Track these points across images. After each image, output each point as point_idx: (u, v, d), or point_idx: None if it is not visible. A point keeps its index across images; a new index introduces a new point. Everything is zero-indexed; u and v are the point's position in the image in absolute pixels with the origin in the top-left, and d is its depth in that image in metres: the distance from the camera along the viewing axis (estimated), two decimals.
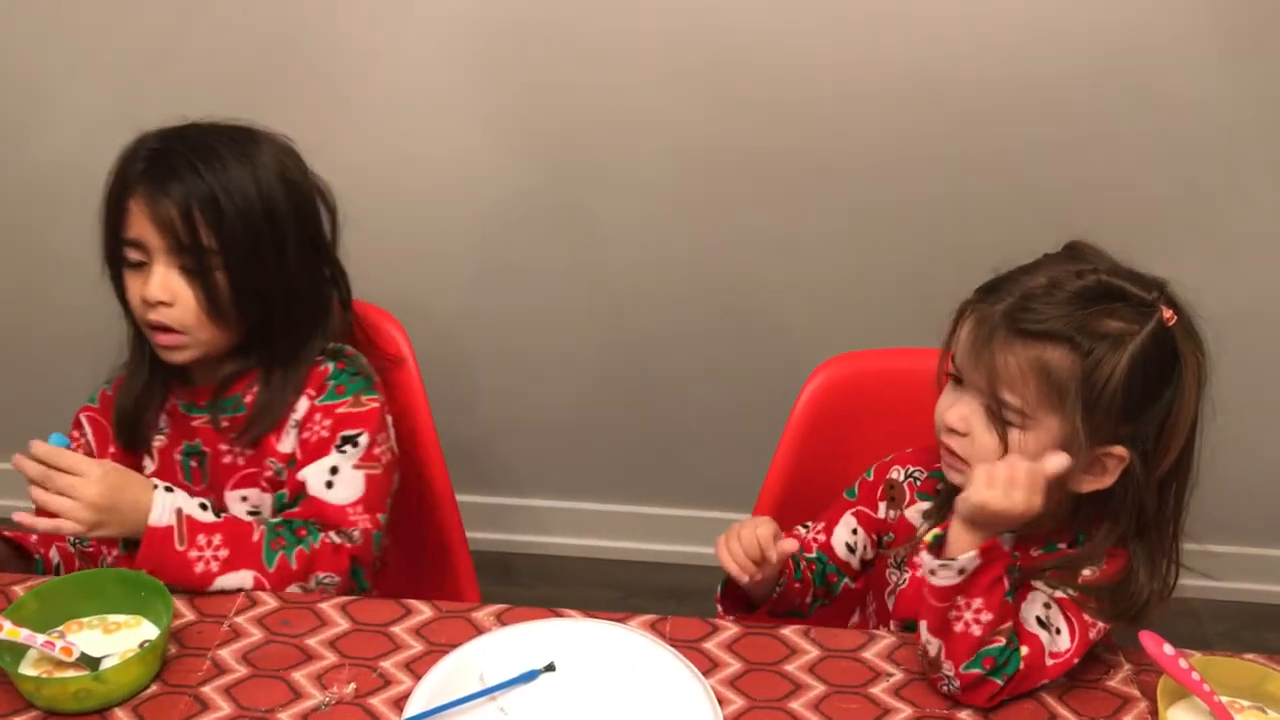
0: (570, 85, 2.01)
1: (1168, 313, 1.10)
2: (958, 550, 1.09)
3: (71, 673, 1.08)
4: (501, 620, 1.19)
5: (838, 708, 1.10)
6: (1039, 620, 1.12)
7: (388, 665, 1.13)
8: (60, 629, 1.15)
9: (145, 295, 1.27)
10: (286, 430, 1.34)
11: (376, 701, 1.09)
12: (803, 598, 1.28)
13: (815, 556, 1.32)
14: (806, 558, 1.31)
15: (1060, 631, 1.12)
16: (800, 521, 1.39)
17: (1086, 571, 1.14)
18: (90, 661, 1.10)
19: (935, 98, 1.96)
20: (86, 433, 1.42)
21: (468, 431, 2.25)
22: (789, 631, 1.19)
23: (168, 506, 1.22)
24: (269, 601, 1.21)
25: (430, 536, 1.55)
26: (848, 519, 1.33)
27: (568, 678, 1.12)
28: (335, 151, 2.06)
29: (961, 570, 1.08)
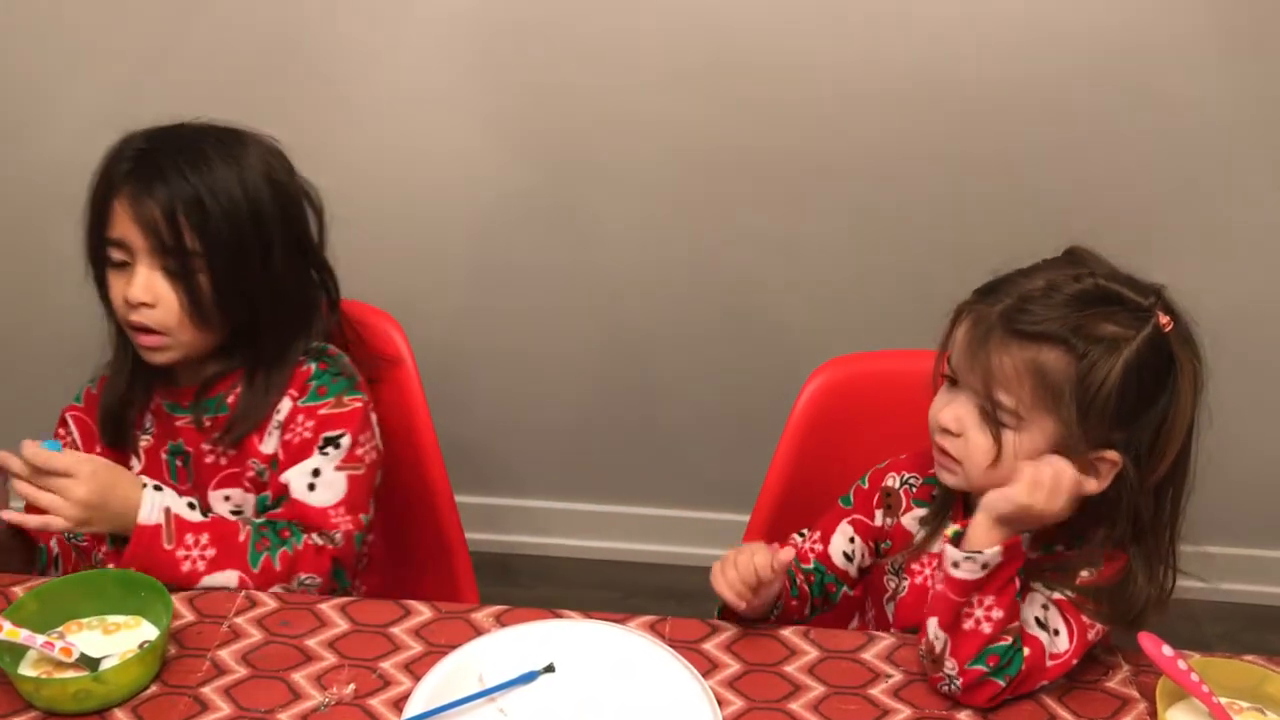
0: (570, 85, 2.01)
1: (1164, 318, 1.10)
2: (981, 544, 1.09)
3: (71, 673, 1.08)
4: (501, 621, 1.19)
5: (837, 709, 1.10)
6: (1037, 621, 1.13)
7: (387, 666, 1.13)
8: (60, 630, 1.15)
9: (128, 296, 1.26)
10: (269, 431, 1.34)
11: (376, 702, 1.09)
12: (801, 612, 1.28)
13: (813, 567, 1.31)
14: (804, 569, 1.31)
15: (1059, 633, 1.12)
16: (798, 524, 1.39)
17: (1084, 573, 1.15)
18: (90, 662, 1.10)
19: (935, 98, 1.96)
20: (73, 432, 1.42)
21: (467, 432, 2.25)
22: (788, 632, 1.19)
23: (156, 505, 1.23)
24: (268, 602, 1.21)
25: (429, 537, 1.55)
26: (844, 528, 1.32)
27: (567, 679, 1.12)
28: (335, 151, 2.08)
29: (985, 565, 1.08)
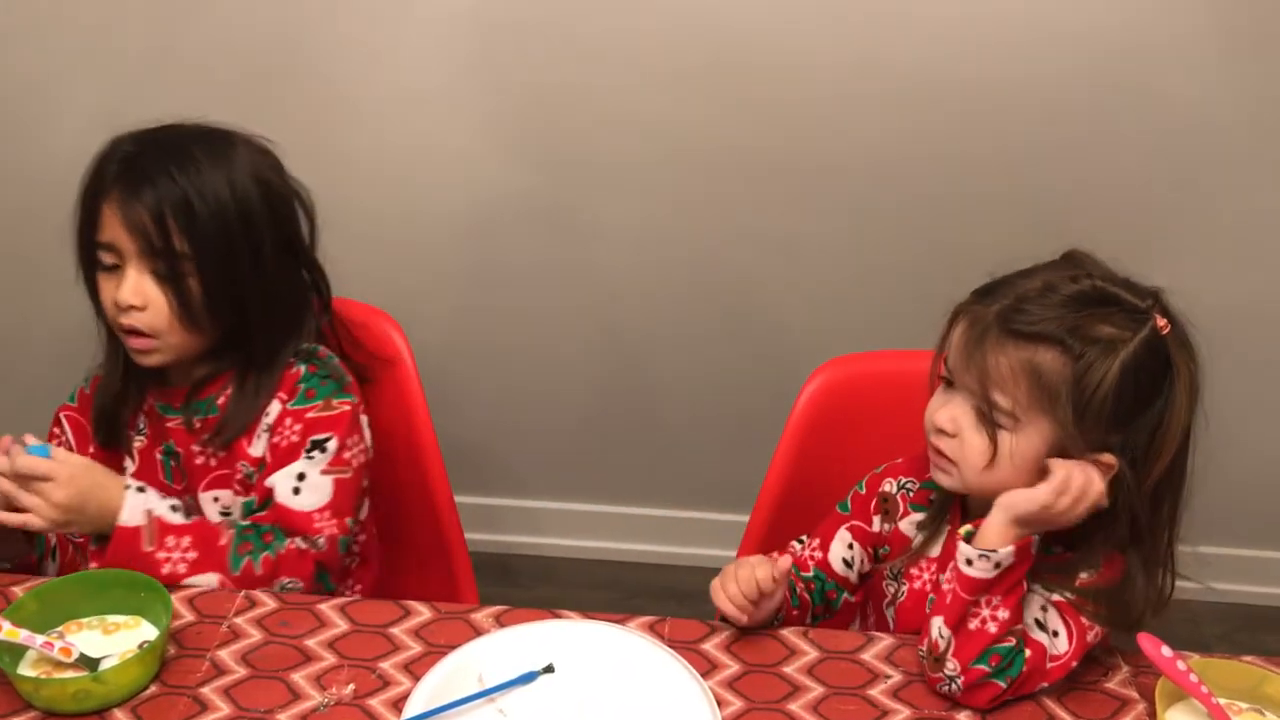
0: (570, 85, 2.01)
1: (1161, 321, 1.10)
2: (995, 543, 1.08)
3: (70, 673, 1.08)
4: (500, 621, 1.19)
5: (836, 709, 1.10)
6: (1037, 622, 1.13)
7: (386, 666, 1.13)
8: (59, 630, 1.15)
9: (117, 299, 1.26)
10: (258, 434, 1.33)
11: (375, 703, 1.09)
12: (802, 620, 1.28)
13: (813, 574, 1.31)
14: (804, 577, 1.31)
15: (1058, 634, 1.12)
16: (797, 525, 1.39)
17: (1083, 575, 1.14)
18: (89, 662, 1.10)
19: (935, 98, 1.96)
20: (66, 432, 1.42)
21: (466, 432, 2.25)
22: (788, 633, 1.19)
23: (138, 507, 1.23)
24: (268, 602, 1.21)
25: (428, 537, 1.55)
26: (843, 534, 1.32)
27: (566, 679, 1.12)
28: (335, 151, 2.08)
29: (998, 564, 1.08)
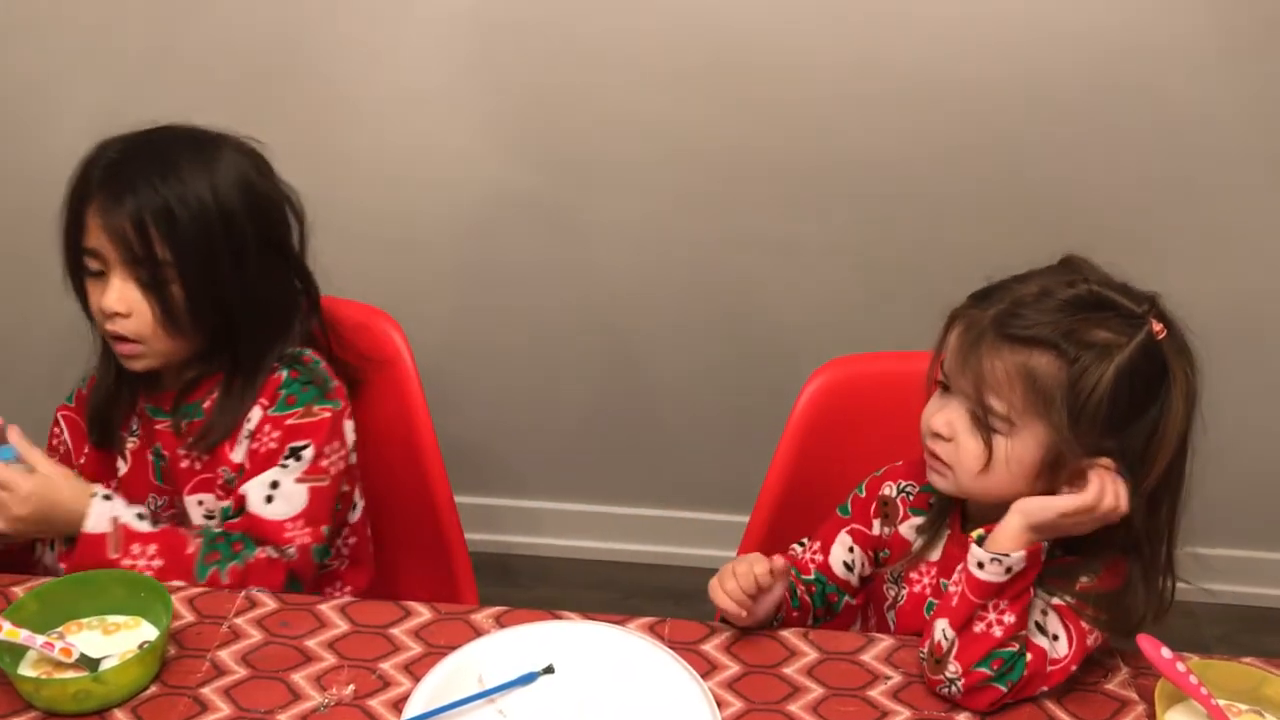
0: (570, 85, 2.01)
1: (1157, 326, 1.09)
2: (1008, 547, 1.08)
3: (71, 674, 1.09)
4: (500, 622, 1.19)
5: (836, 710, 1.10)
6: (1036, 626, 1.12)
7: (387, 667, 1.13)
8: (60, 630, 1.15)
9: (102, 306, 1.26)
10: (240, 439, 1.32)
11: (375, 703, 1.09)
12: (803, 622, 1.28)
13: (814, 578, 1.31)
14: (805, 579, 1.30)
15: (1058, 638, 1.12)
16: (798, 525, 1.39)
17: (1083, 579, 1.14)
18: (89, 662, 1.10)
19: (935, 98, 1.96)
20: (64, 431, 1.42)
21: (466, 432, 2.25)
22: (788, 634, 1.20)
23: (104, 515, 1.24)
24: (268, 603, 1.21)
25: (428, 538, 1.55)
26: (843, 537, 1.32)
27: (566, 680, 1.12)
28: (335, 151, 2.08)
29: (1009, 569, 1.08)
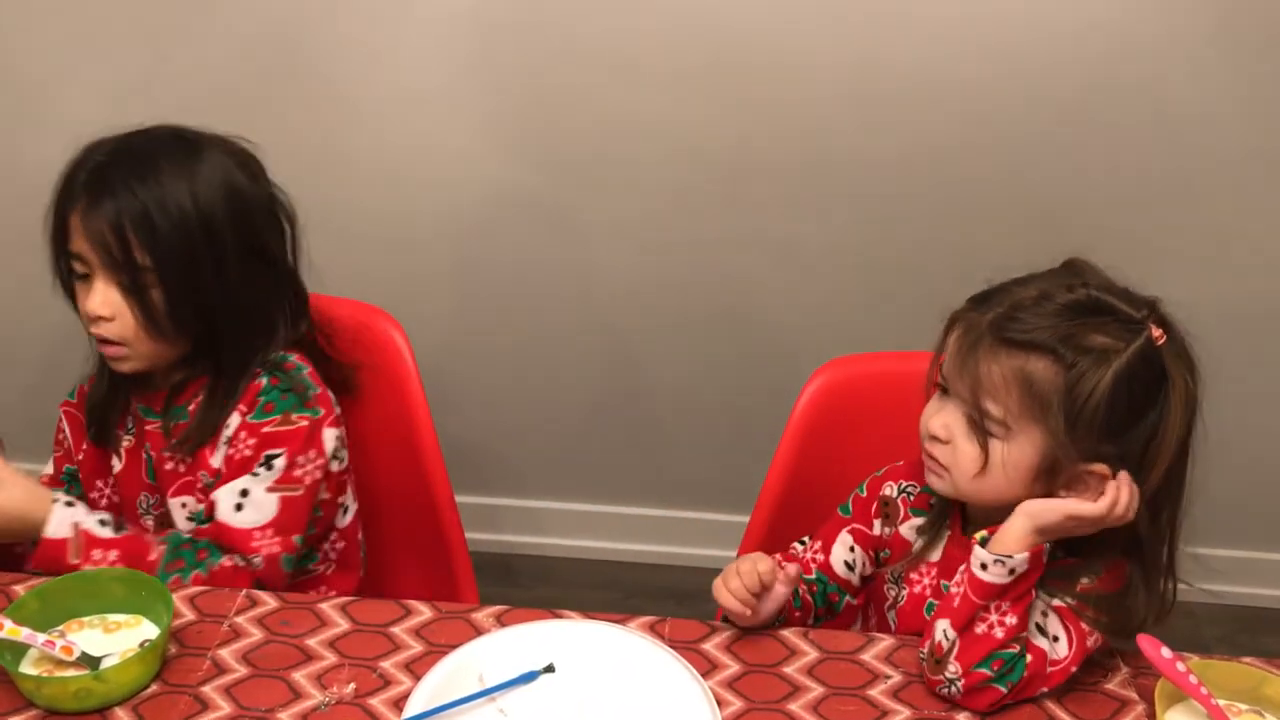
0: (570, 85, 2.01)
1: (1156, 331, 1.09)
2: (1013, 548, 1.08)
3: (72, 672, 1.09)
4: (501, 621, 1.19)
5: (836, 709, 1.10)
6: (1037, 627, 1.12)
7: (387, 666, 1.13)
8: (61, 628, 1.15)
9: (86, 310, 1.26)
10: (219, 445, 1.32)
11: (376, 702, 1.09)
12: (804, 622, 1.28)
13: (815, 577, 1.31)
14: (806, 579, 1.30)
15: (1058, 639, 1.12)
16: (798, 525, 1.39)
17: (1084, 580, 1.14)
18: (90, 661, 1.10)
19: (935, 98, 1.96)
20: (65, 427, 1.43)
21: (467, 432, 2.25)
22: (788, 633, 1.20)
23: (65, 520, 1.24)
24: (269, 602, 1.21)
25: (429, 538, 1.55)
26: (844, 537, 1.32)
27: (567, 679, 1.12)
28: (334, 151, 2.08)
29: (1012, 570, 1.08)
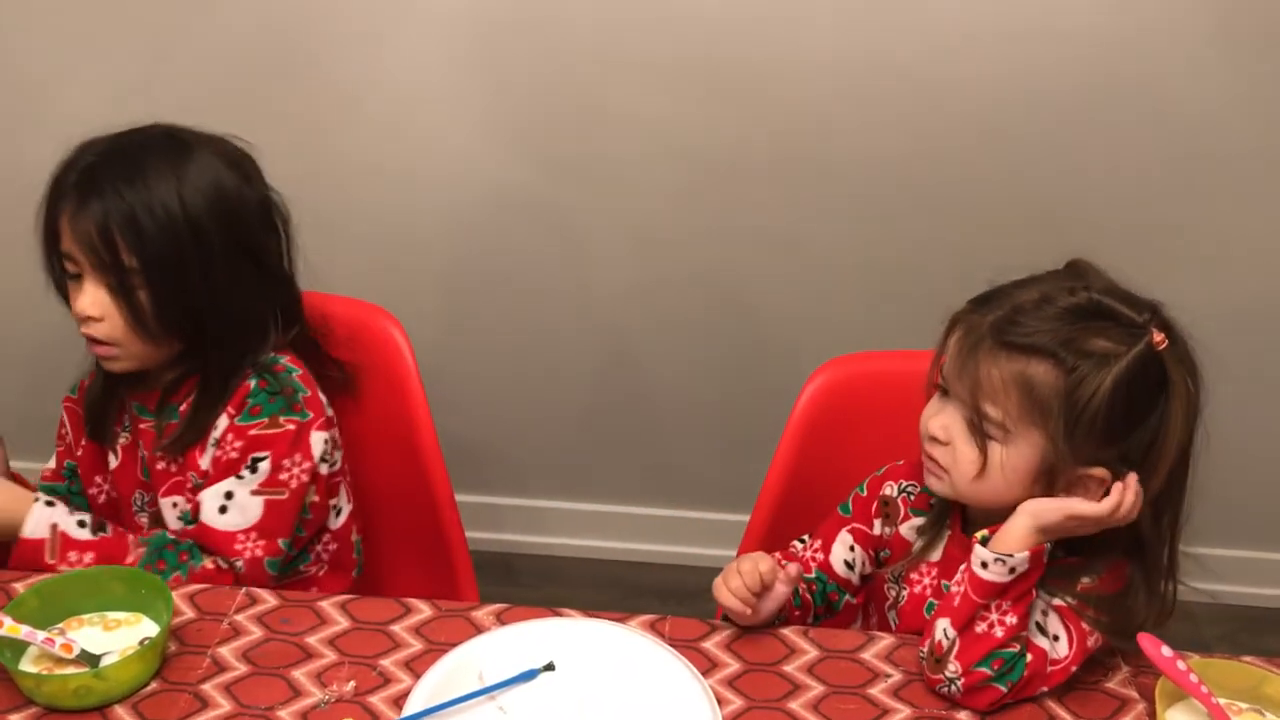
0: (569, 83, 2.01)
1: (1158, 336, 1.08)
2: (1013, 546, 1.08)
3: (71, 669, 1.09)
4: (501, 619, 1.19)
5: (836, 708, 1.10)
6: (1037, 626, 1.12)
7: (387, 664, 1.13)
8: (60, 626, 1.15)
9: (76, 310, 1.26)
10: (208, 446, 1.32)
11: (376, 700, 1.09)
12: (804, 621, 1.28)
13: (815, 576, 1.31)
14: (806, 578, 1.30)
15: (1058, 638, 1.12)
16: (798, 524, 1.39)
17: (1085, 579, 1.14)
18: (90, 658, 1.10)
19: (935, 97, 1.97)
20: (66, 421, 1.44)
21: (467, 431, 2.25)
22: (788, 632, 1.20)
23: (43, 520, 1.24)
24: (269, 600, 1.21)
25: (429, 537, 1.55)
26: (844, 536, 1.31)
27: (567, 677, 1.12)
28: (335, 150, 2.08)
29: (1013, 569, 1.08)
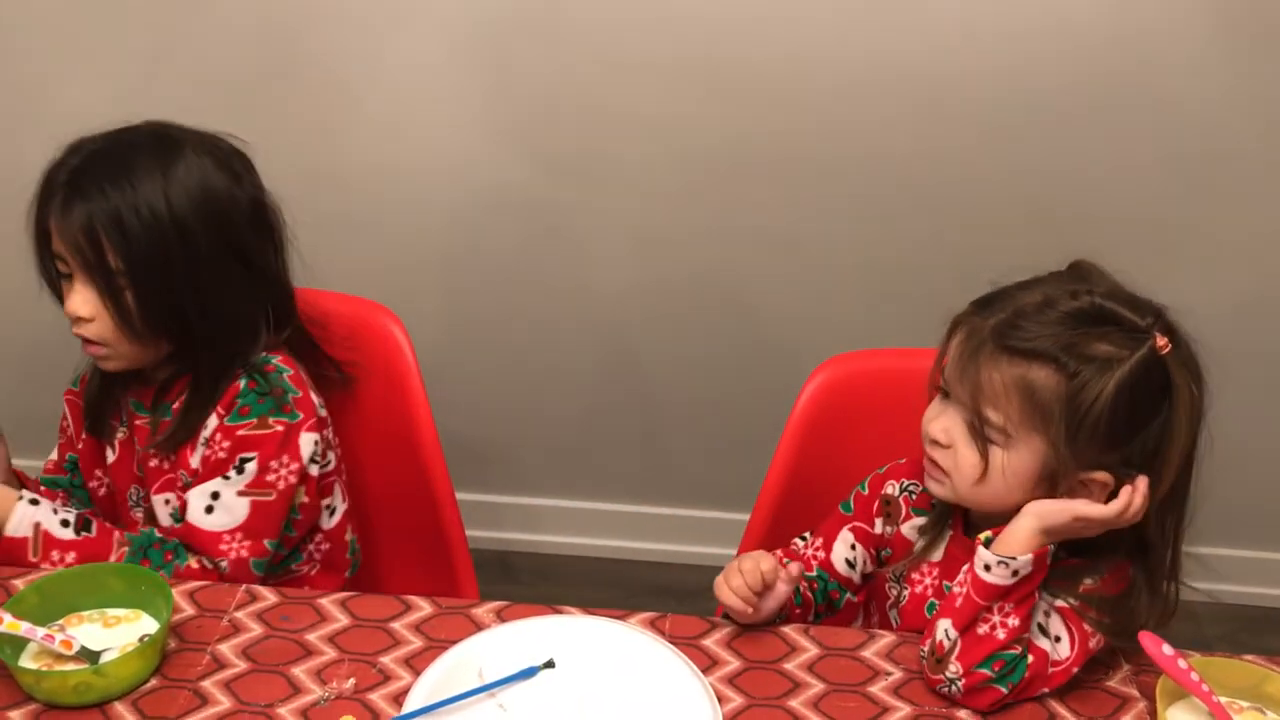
0: (570, 83, 2.01)
1: (1161, 340, 1.07)
2: (1017, 550, 1.08)
3: (71, 666, 1.09)
4: (501, 617, 1.19)
5: (836, 706, 1.10)
6: (1039, 627, 1.12)
7: (387, 661, 1.13)
8: (60, 622, 1.15)
9: (67, 311, 1.27)
10: (198, 445, 1.32)
11: (376, 697, 1.09)
12: (805, 619, 1.27)
13: (816, 574, 1.31)
14: (807, 576, 1.30)
15: (1060, 639, 1.12)
16: (799, 523, 1.39)
17: (1088, 581, 1.14)
18: (90, 655, 1.10)
19: (935, 95, 1.96)
20: (68, 414, 1.44)
21: (468, 429, 2.25)
22: (788, 629, 1.20)
23: (26, 519, 1.24)
24: (269, 597, 1.21)
25: (429, 535, 1.55)
26: (845, 535, 1.31)
27: (567, 674, 1.12)
28: (336, 149, 2.08)
29: (1016, 572, 1.07)
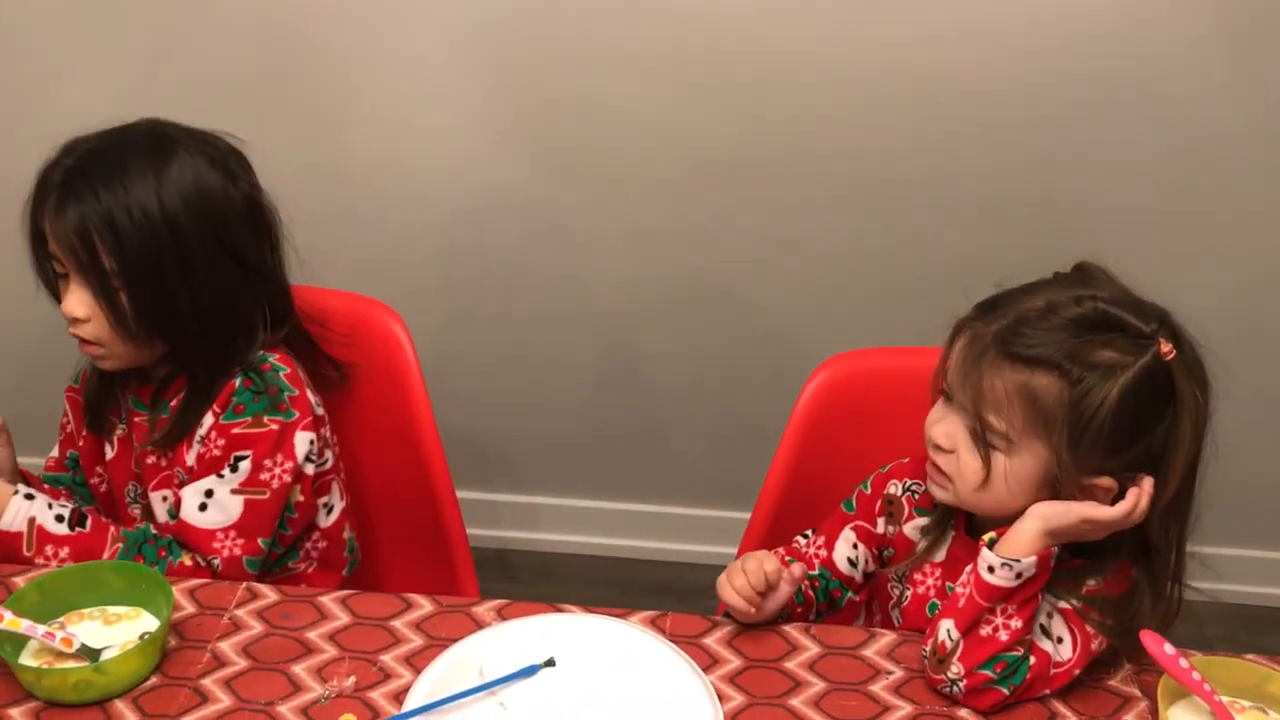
0: (570, 82, 2.01)
1: (1166, 346, 1.06)
2: (1021, 552, 1.07)
3: (72, 664, 1.09)
4: (502, 615, 1.19)
5: (837, 705, 1.10)
6: (1041, 628, 1.12)
7: (388, 659, 1.13)
8: (61, 620, 1.15)
9: (63, 311, 1.27)
10: (194, 443, 1.32)
11: (376, 695, 1.09)
12: (806, 618, 1.27)
13: (818, 573, 1.31)
14: (809, 575, 1.30)
15: (1062, 640, 1.12)
16: (799, 521, 1.38)
17: (1091, 582, 1.14)
18: (90, 653, 1.10)
19: (936, 96, 1.96)
20: (68, 411, 1.44)
21: (468, 427, 2.25)
22: (789, 628, 1.20)
23: (21, 513, 1.25)
24: (269, 595, 1.21)
25: (429, 533, 1.55)
26: (847, 534, 1.31)
27: (568, 673, 1.12)
28: (336, 148, 2.08)
29: (1019, 574, 1.07)
